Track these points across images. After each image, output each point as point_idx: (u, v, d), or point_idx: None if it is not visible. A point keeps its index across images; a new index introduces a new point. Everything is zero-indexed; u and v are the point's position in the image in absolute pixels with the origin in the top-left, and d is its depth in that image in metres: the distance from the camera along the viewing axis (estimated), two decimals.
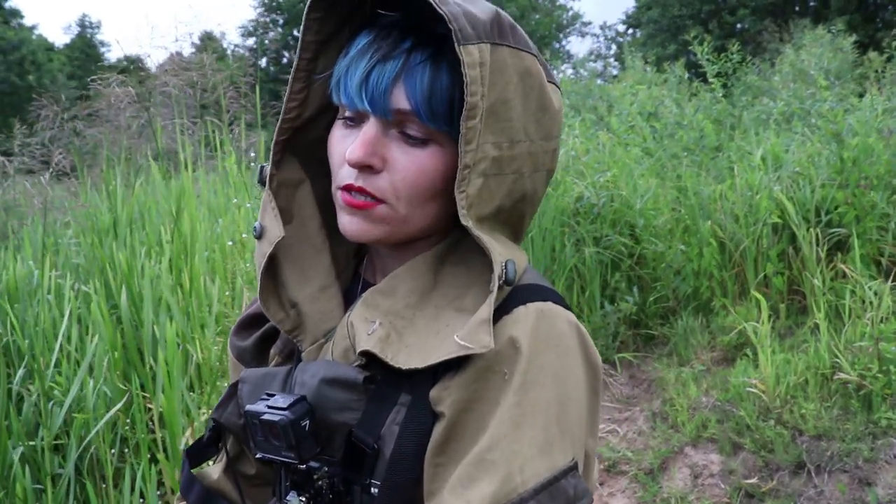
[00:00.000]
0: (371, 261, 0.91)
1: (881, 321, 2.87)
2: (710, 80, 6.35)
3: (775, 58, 12.06)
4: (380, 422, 0.77)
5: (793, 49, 9.59)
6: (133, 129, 3.68)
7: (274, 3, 27.00)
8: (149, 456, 2.38)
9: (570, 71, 18.50)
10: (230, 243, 3.29)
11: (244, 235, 3.39)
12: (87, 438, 2.35)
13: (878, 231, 3.50)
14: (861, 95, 7.77)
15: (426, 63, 0.75)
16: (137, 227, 3.54)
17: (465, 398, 0.73)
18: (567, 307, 0.81)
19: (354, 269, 0.93)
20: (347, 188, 0.79)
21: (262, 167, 0.88)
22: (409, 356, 0.75)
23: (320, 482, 0.79)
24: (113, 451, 2.45)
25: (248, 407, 0.80)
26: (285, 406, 0.77)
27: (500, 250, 0.76)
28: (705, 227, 3.87)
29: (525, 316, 0.75)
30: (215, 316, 3.05)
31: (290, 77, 0.84)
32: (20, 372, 2.65)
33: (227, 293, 3.17)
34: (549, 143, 0.80)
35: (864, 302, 3.08)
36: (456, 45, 0.70)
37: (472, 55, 0.71)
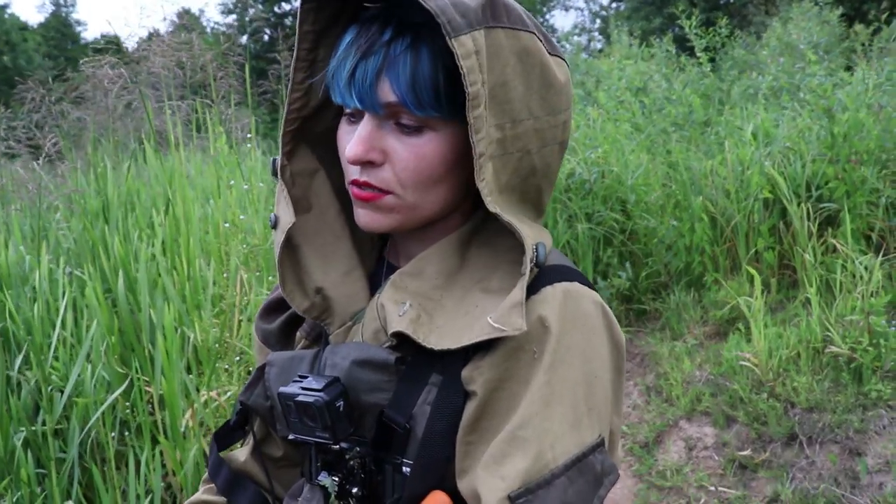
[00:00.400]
0: (394, 244, 0.93)
1: (871, 295, 2.91)
2: (698, 54, 6.35)
3: (761, 31, 12.07)
4: (411, 402, 0.79)
5: (780, 22, 9.59)
6: (119, 110, 3.64)
7: None
8: (150, 438, 2.40)
9: None
10: (226, 225, 3.28)
11: (242, 217, 3.38)
12: (90, 423, 2.36)
13: (868, 206, 3.53)
14: (849, 68, 7.80)
15: (406, 53, 0.75)
16: (128, 211, 3.52)
17: (496, 377, 0.75)
18: (592, 287, 0.83)
19: (379, 253, 0.95)
20: (354, 183, 0.81)
21: (274, 159, 0.89)
22: (441, 337, 0.76)
23: (352, 462, 0.80)
24: (113, 434, 2.45)
25: (282, 389, 0.81)
26: (320, 388, 0.78)
27: (529, 233, 0.77)
28: (696, 203, 3.89)
29: (553, 296, 0.77)
30: (211, 298, 3.05)
31: (291, 67, 0.85)
32: (18, 359, 2.64)
33: (223, 275, 3.16)
34: (556, 117, 0.81)
35: (854, 276, 3.12)
36: (447, 38, 0.70)
37: (465, 45, 0.71)
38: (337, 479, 0.81)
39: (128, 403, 2.55)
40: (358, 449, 0.80)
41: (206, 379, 2.69)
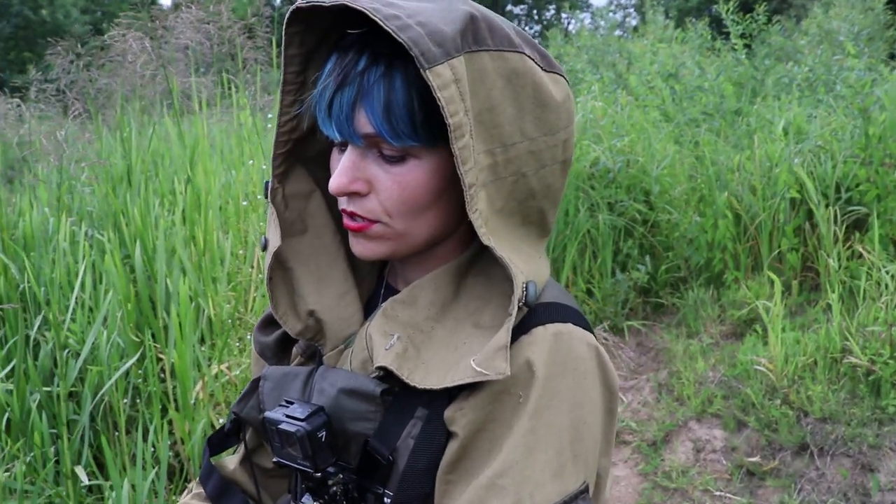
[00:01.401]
0: (393, 266, 0.92)
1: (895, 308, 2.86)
2: (733, 40, 6.22)
3: (801, 14, 11.77)
4: (396, 434, 0.78)
5: (821, 8, 9.35)
6: (147, 76, 3.63)
7: None
8: (160, 407, 2.42)
9: (588, 20, 18.16)
10: (245, 203, 3.28)
11: (259, 197, 3.38)
12: (103, 390, 2.39)
13: None
14: (892, 56, 7.58)
15: (379, 82, 0.73)
16: (151, 176, 3.53)
17: (479, 419, 0.74)
18: (587, 326, 0.81)
19: (380, 272, 0.94)
20: (344, 212, 0.80)
21: (267, 182, 0.88)
22: (426, 374, 0.76)
23: (335, 488, 0.81)
24: (125, 400, 2.49)
25: (267, 414, 0.81)
26: (303, 417, 0.78)
27: (523, 268, 0.75)
28: (721, 199, 3.84)
29: (543, 338, 0.76)
30: (227, 272, 3.07)
31: (279, 90, 0.84)
32: (37, 320, 2.68)
33: (240, 251, 3.17)
34: (554, 136, 0.78)
35: (879, 285, 3.07)
36: (422, 70, 0.68)
37: (441, 76, 0.68)
38: (320, 503, 0.81)
39: (140, 371, 2.58)
40: (342, 476, 0.81)
41: (218, 352, 2.72)
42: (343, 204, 0.79)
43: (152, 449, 2.34)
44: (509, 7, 28.84)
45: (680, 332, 3.59)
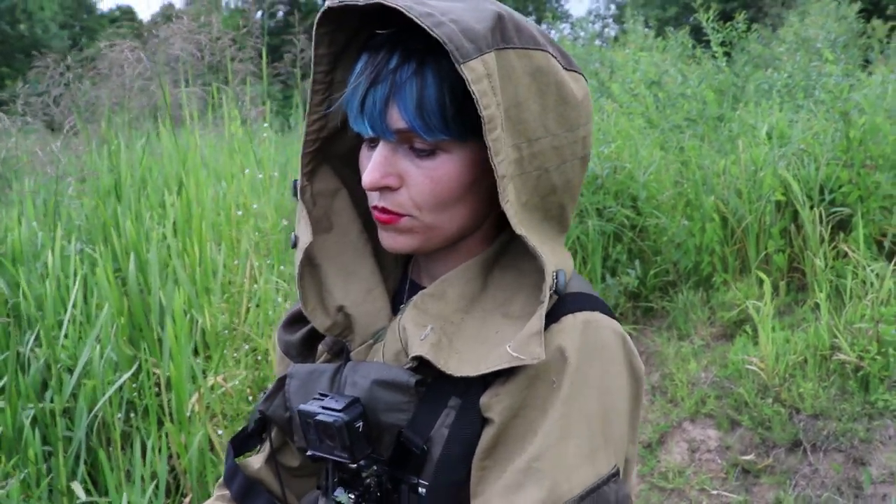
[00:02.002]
0: (418, 263, 0.93)
1: (882, 303, 2.91)
2: (714, 48, 6.30)
3: (777, 23, 11.95)
4: (430, 424, 0.80)
5: (797, 16, 9.51)
6: (135, 88, 3.63)
7: None
8: (156, 420, 2.42)
9: (567, 30, 18.31)
10: (239, 213, 3.28)
11: (255, 206, 3.38)
12: (98, 405, 2.37)
13: (882, 212, 3.52)
14: (867, 62, 7.71)
15: (412, 79, 0.76)
16: (140, 189, 3.52)
17: (514, 405, 0.76)
18: (612, 315, 0.83)
19: (403, 269, 0.95)
20: (375, 208, 0.82)
21: (295, 181, 0.89)
22: (461, 363, 0.77)
23: (368, 480, 0.81)
24: (119, 415, 2.47)
25: (302, 407, 0.82)
26: (340, 408, 0.79)
27: (552, 259, 0.77)
28: (708, 203, 3.88)
29: (573, 326, 0.78)
30: (220, 283, 3.06)
31: (309, 90, 0.86)
32: (30, 337, 2.66)
33: (234, 262, 3.17)
34: (574, 133, 0.81)
35: (864, 283, 3.12)
36: (457, 65, 0.70)
37: (475, 70, 0.71)
38: (353, 496, 0.82)
39: (135, 385, 2.57)
40: (375, 467, 0.81)
41: (213, 364, 2.71)
42: (374, 200, 0.81)
43: (149, 465, 2.33)
44: None
45: (671, 334, 3.62)
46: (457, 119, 0.77)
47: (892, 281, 2.99)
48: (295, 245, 0.87)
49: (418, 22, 0.71)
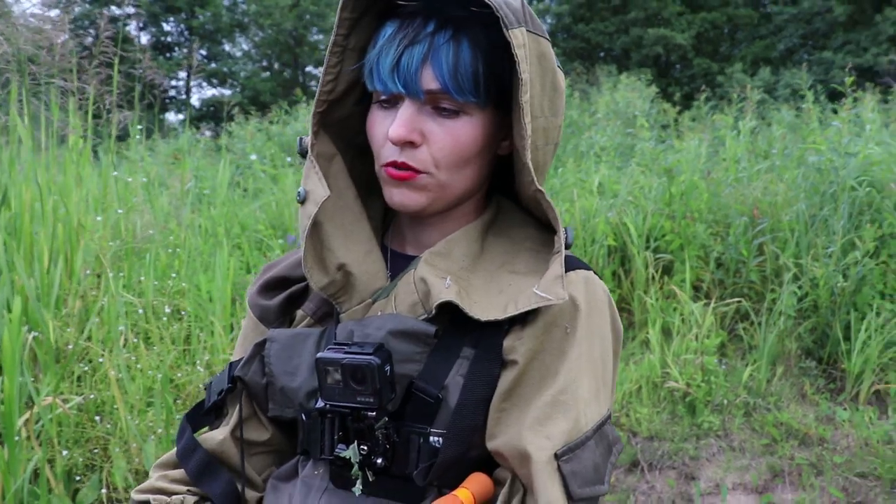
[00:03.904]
0: (399, 232, 0.96)
1: (705, 337, 3.24)
2: None
3: (584, 97, 13.01)
4: (443, 374, 0.83)
5: (608, 90, 10.48)
6: None
7: None
8: None
9: None
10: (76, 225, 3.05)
11: (98, 218, 3.17)
12: None
13: (698, 259, 3.93)
14: (665, 127, 8.63)
15: (449, 44, 0.82)
16: None
17: (535, 347, 0.82)
18: (600, 278, 0.92)
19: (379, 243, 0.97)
20: (392, 164, 0.85)
21: (302, 139, 0.91)
22: (484, 310, 0.81)
23: (377, 433, 0.81)
24: None
25: (323, 354, 0.81)
26: (371, 351, 0.79)
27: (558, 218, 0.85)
28: None
29: (577, 280, 0.85)
30: (55, 298, 2.83)
31: (326, 52, 0.89)
32: None
33: (77, 275, 2.94)
34: (557, 119, 0.89)
35: (684, 322, 3.46)
36: (504, 30, 0.78)
37: (517, 38, 0.79)
38: (366, 447, 0.82)
39: None
40: (386, 418, 0.82)
41: (49, 383, 2.48)
42: (393, 155, 0.84)
43: None
44: (308, 68, 29.12)
45: None
46: (485, 85, 0.83)
47: (711, 318, 3.35)
48: (303, 201, 0.87)
49: None
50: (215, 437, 0.95)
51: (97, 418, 2.52)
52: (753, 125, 5.04)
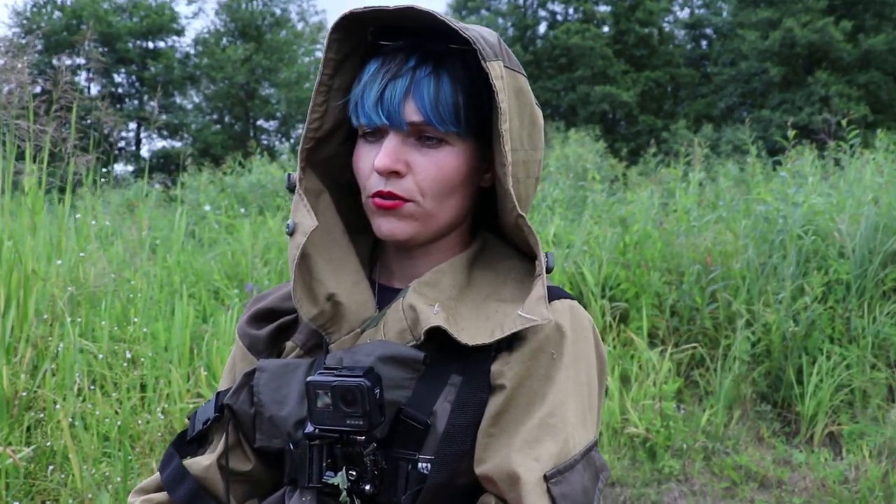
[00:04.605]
0: (386, 266, 0.98)
1: (664, 383, 3.29)
2: None
3: None
4: (431, 400, 0.84)
5: (558, 145, 10.75)
6: None
7: (34, 27, 24.85)
8: None
9: None
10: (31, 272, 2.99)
11: (59, 262, 3.10)
12: None
13: (653, 307, 4.01)
14: (615, 180, 8.87)
15: (430, 77, 0.86)
16: None
17: (521, 372, 0.83)
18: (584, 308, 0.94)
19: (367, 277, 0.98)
20: (378, 194, 0.88)
21: (290, 175, 0.94)
22: (471, 335, 0.83)
23: (366, 459, 0.81)
24: None
25: (313, 378, 0.81)
26: (361, 374, 0.80)
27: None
28: None
29: (562, 309, 0.88)
30: (7, 345, 2.74)
31: (313, 91, 0.92)
32: None
33: (34, 327, 2.86)
34: (537, 153, 0.93)
35: (641, 367, 3.51)
36: (482, 62, 0.83)
37: (495, 70, 0.83)
38: (354, 473, 0.82)
39: None
40: (374, 444, 0.82)
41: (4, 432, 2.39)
42: (379, 185, 0.87)
43: None
44: (260, 121, 29.18)
45: None
46: (466, 116, 0.87)
47: (668, 364, 3.41)
48: (292, 233, 0.89)
49: (449, 24, 0.82)
50: (201, 462, 0.95)
51: (50, 468, 2.43)
52: (702, 176, 5.21)
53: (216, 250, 5.45)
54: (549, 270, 0.86)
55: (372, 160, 0.88)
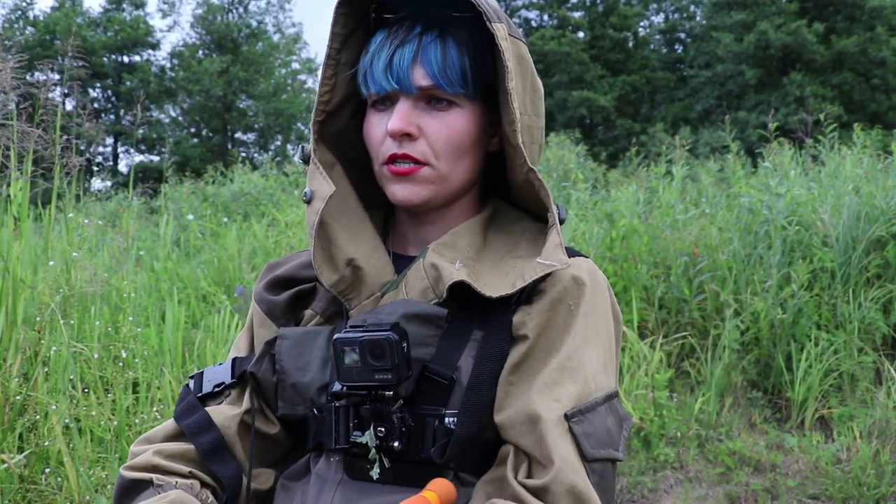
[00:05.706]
0: (400, 234, 0.99)
1: (656, 373, 3.31)
2: None
3: None
4: (455, 355, 0.85)
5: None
6: None
7: (6, 42, 24.62)
8: None
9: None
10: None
11: (51, 262, 3.08)
12: None
13: (641, 301, 4.04)
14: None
15: (436, 42, 0.89)
16: None
17: (542, 322, 0.85)
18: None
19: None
20: (392, 158, 0.89)
21: (303, 146, 0.96)
22: (493, 288, 0.85)
23: (393, 417, 0.82)
24: None
25: (340, 335, 0.82)
26: (388, 328, 0.81)
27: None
28: None
29: (581, 265, 0.90)
30: None
31: (322, 65, 0.94)
32: None
33: (22, 332, 2.84)
34: (539, 120, 0.95)
35: (633, 359, 3.53)
36: (487, 23, 0.85)
37: (499, 31, 0.86)
38: (383, 430, 0.82)
39: None
40: (402, 401, 0.83)
41: None
42: (393, 148, 0.89)
43: None
44: (238, 133, 29.06)
45: None
46: (473, 78, 0.89)
47: (659, 355, 3.43)
48: (309, 200, 0.90)
49: None
50: (224, 412, 0.93)
51: (46, 470, 2.41)
52: (685, 172, 5.27)
53: (202, 258, 5.42)
54: (561, 222, 0.88)
55: (384, 127, 0.90)
